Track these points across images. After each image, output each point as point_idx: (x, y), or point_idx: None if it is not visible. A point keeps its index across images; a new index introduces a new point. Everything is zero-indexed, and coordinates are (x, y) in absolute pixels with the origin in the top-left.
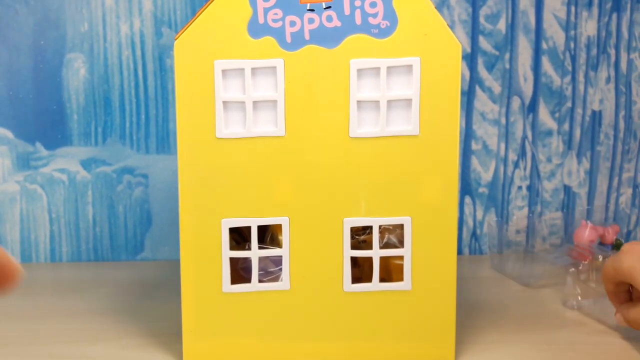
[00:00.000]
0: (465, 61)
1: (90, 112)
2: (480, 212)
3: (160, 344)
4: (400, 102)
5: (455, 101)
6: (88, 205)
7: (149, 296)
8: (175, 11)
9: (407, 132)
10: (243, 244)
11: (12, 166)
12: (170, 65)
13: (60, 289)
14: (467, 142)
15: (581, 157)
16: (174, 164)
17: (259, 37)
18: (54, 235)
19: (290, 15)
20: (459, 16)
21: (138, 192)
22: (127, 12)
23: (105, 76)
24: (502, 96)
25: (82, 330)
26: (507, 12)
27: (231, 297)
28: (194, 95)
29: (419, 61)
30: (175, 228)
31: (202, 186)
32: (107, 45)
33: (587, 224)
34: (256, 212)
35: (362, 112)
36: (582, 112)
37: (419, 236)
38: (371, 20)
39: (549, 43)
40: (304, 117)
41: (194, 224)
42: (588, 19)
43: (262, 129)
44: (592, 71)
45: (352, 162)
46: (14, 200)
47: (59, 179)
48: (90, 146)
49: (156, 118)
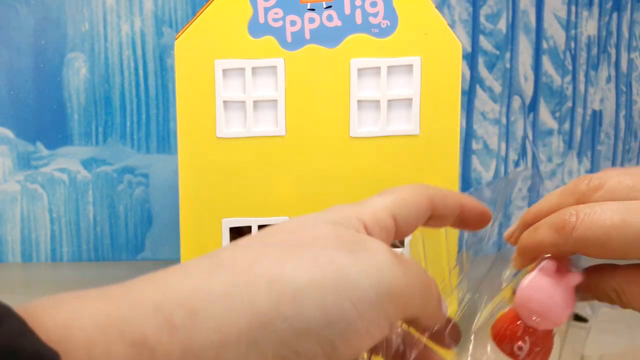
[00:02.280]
0: (465, 61)
1: (90, 112)
2: None
3: None
4: (401, 102)
5: (455, 101)
6: (89, 204)
7: None
8: (176, 11)
9: (408, 131)
10: None
11: (13, 166)
12: (171, 65)
13: (61, 288)
14: (467, 142)
15: (582, 157)
16: (175, 163)
17: (259, 36)
18: (54, 235)
19: (291, 15)
20: (459, 16)
21: (139, 192)
22: (127, 12)
23: (106, 76)
24: (503, 96)
25: None
26: (507, 11)
27: None
28: (194, 94)
29: (419, 61)
30: (176, 228)
31: (203, 186)
32: (108, 44)
33: None
34: (256, 211)
35: (362, 112)
36: (582, 112)
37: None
38: (372, 20)
39: (549, 42)
40: (305, 117)
41: (195, 224)
42: (588, 19)
43: (263, 129)
44: (592, 71)
45: (352, 161)
46: (15, 200)
47: (59, 178)
48: (90, 146)
49: (157, 118)
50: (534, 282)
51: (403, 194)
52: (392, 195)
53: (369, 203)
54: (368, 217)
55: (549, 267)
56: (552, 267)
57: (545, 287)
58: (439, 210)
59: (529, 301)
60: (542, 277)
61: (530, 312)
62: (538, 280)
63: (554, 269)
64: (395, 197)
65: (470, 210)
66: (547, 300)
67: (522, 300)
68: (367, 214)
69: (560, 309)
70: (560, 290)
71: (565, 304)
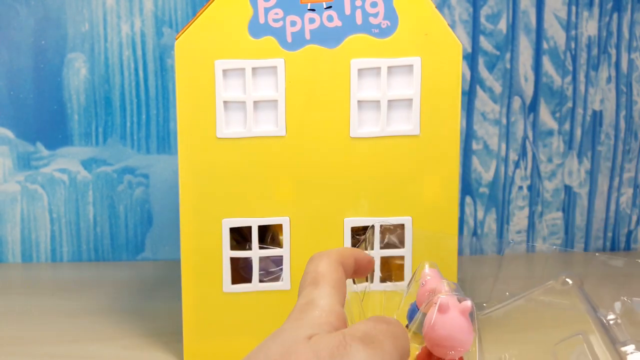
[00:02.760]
0: (466, 61)
1: (91, 112)
2: (481, 212)
3: (161, 344)
4: (401, 102)
5: (455, 101)
6: (89, 205)
7: (149, 296)
8: (176, 11)
9: (408, 132)
10: (244, 244)
11: (13, 166)
12: (171, 65)
13: (60, 289)
14: (467, 142)
15: (582, 157)
16: (175, 164)
17: (259, 36)
18: (54, 235)
19: (291, 15)
20: (459, 16)
21: (139, 192)
22: (127, 12)
23: (106, 76)
24: (503, 96)
25: (82, 330)
26: (507, 12)
27: (232, 297)
28: (194, 95)
29: (419, 61)
30: (176, 228)
31: (203, 186)
32: (108, 45)
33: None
34: (257, 212)
35: (362, 112)
36: (582, 112)
37: (420, 236)
38: (372, 20)
39: (549, 43)
40: (305, 117)
41: (195, 224)
42: (589, 19)
43: (263, 129)
44: (592, 71)
45: (352, 162)
46: (15, 200)
47: (59, 179)
48: (91, 146)
49: (157, 118)
50: (439, 322)
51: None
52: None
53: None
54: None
55: (445, 303)
56: (446, 302)
57: (449, 323)
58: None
59: (440, 340)
60: (443, 315)
61: (444, 348)
62: (441, 319)
63: (449, 304)
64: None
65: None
66: (456, 334)
67: (434, 341)
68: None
69: (468, 336)
70: (462, 321)
71: (469, 330)
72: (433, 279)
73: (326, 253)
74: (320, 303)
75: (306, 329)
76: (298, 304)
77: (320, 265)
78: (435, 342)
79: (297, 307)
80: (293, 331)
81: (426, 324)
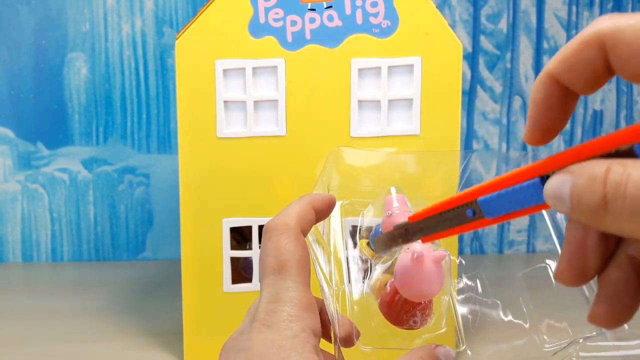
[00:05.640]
0: (466, 61)
1: (91, 112)
2: None
3: (161, 343)
4: (401, 102)
5: (456, 101)
6: (89, 204)
7: (150, 296)
8: (177, 11)
9: (408, 131)
10: (244, 244)
11: (13, 166)
12: (171, 65)
13: (61, 288)
14: (468, 142)
15: None
16: (175, 163)
17: (260, 36)
18: (55, 234)
19: (291, 15)
20: (460, 16)
21: (139, 192)
22: (128, 12)
23: (106, 76)
24: (504, 96)
25: (83, 330)
26: (508, 11)
27: (232, 296)
28: (195, 94)
29: (420, 61)
30: (177, 228)
31: (203, 186)
32: (109, 44)
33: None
34: (256, 211)
35: (363, 112)
36: (583, 112)
37: None
38: (372, 20)
39: (550, 43)
40: (305, 117)
41: (195, 224)
42: (589, 19)
43: (263, 129)
44: None
45: None
46: (15, 199)
47: (60, 178)
48: (91, 146)
49: (157, 118)
50: (414, 270)
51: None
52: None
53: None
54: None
55: (418, 251)
56: (420, 250)
57: (424, 271)
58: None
59: (411, 285)
60: (417, 264)
61: (414, 292)
62: (416, 267)
63: (422, 252)
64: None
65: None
66: (428, 282)
67: (404, 284)
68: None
69: (438, 285)
70: (434, 269)
71: (439, 279)
72: (401, 213)
73: (284, 224)
74: (287, 297)
75: (278, 340)
76: (263, 301)
77: (280, 242)
78: (405, 285)
79: (262, 305)
80: (262, 344)
81: (398, 269)
